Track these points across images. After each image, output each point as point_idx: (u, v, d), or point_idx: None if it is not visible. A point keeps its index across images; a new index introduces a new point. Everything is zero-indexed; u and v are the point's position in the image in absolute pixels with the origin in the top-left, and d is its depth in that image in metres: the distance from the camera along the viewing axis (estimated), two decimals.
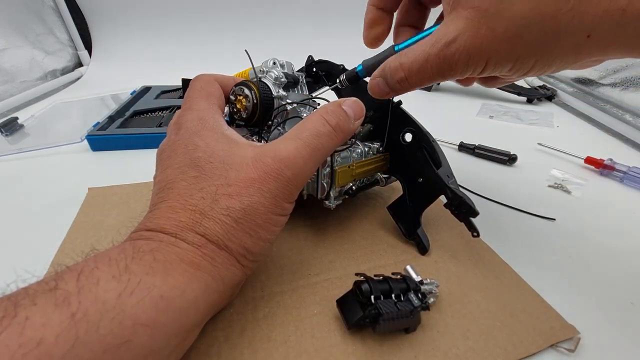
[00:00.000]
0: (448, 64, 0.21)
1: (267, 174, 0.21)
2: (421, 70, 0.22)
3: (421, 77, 0.22)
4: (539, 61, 0.19)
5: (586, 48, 0.18)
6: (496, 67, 0.20)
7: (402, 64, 0.22)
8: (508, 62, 0.20)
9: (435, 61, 0.21)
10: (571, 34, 0.18)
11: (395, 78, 0.23)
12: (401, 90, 0.24)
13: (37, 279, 0.16)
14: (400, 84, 0.23)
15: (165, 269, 0.18)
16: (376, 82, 0.25)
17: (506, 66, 0.20)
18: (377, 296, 0.22)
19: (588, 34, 0.17)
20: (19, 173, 0.44)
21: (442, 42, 0.20)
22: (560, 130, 0.60)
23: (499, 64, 0.20)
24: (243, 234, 0.21)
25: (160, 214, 0.21)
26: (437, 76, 0.22)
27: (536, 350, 0.23)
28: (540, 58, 0.19)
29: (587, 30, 0.17)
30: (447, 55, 0.20)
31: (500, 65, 0.20)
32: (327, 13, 1.03)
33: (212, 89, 0.27)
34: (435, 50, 0.21)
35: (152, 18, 0.98)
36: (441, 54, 0.20)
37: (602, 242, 0.33)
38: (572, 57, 0.19)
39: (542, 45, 0.19)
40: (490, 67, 0.20)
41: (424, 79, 0.22)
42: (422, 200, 0.30)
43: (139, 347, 0.15)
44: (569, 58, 0.19)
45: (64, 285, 0.15)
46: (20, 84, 0.75)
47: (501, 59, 0.20)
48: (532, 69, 0.20)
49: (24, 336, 0.13)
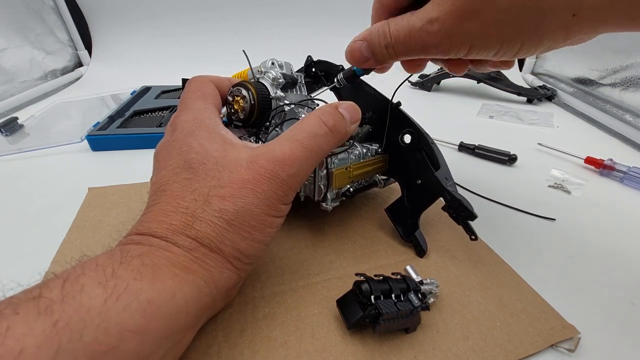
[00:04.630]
0: (430, 42, 0.21)
1: (261, 175, 0.21)
2: (406, 41, 0.22)
3: (406, 47, 0.22)
4: (525, 43, 0.19)
5: (574, 26, 0.18)
6: (481, 50, 0.20)
7: (390, 29, 0.22)
8: (493, 45, 0.20)
9: (417, 35, 0.21)
10: (556, 14, 0.18)
11: (382, 43, 0.23)
12: (384, 58, 0.24)
13: (22, 288, 0.16)
14: (387, 49, 0.23)
15: (154, 273, 0.17)
16: (358, 46, 0.24)
17: (492, 50, 0.20)
18: (377, 296, 0.22)
19: (574, 12, 0.17)
20: (19, 173, 0.44)
21: (426, 19, 0.20)
22: (560, 130, 0.60)
23: (483, 47, 0.20)
24: (236, 236, 0.21)
25: (151, 217, 0.21)
26: (420, 50, 0.22)
27: (536, 350, 0.23)
28: (527, 40, 0.19)
29: (573, 10, 0.17)
30: (430, 32, 0.20)
31: (485, 48, 0.20)
32: (326, 13, 1.02)
33: (208, 89, 0.27)
34: (419, 24, 0.21)
35: (152, 18, 0.98)
36: (424, 29, 0.20)
37: (602, 242, 0.33)
38: (560, 37, 0.19)
39: (527, 27, 0.18)
40: (475, 50, 0.20)
41: (408, 50, 0.22)
42: (420, 203, 0.30)
43: (127, 353, 0.15)
44: (557, 38, 0.19)
45: (48, 293, 0.15)
46: (20, 84, 0.75)
47: (486, 43, 0.20)
48: (519, 51, 0.20)
49: (5, 346, 0.13)
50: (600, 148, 0.51)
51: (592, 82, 0.71)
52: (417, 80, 0.80)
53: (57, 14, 0.91)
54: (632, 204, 0.39)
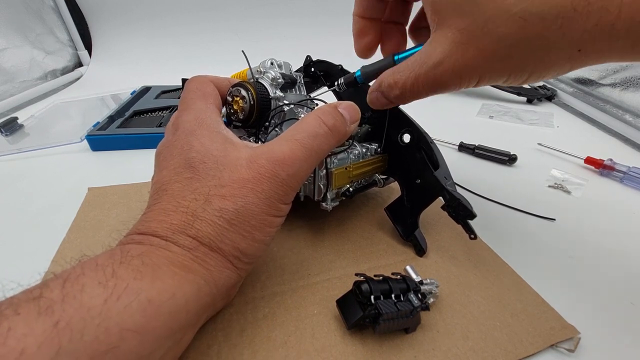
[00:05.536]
0: (439, 83, 0.21)
1: (261, 175, 0.21)
2: (414, 88, 0.23)
3: (415, 93, 0.23)
4: (533, 74, 0.20)
5: (579, 59, 0.18)
6: (490, 81, 0.21)
7: (396, 81, 0.23)
8: (501, 76, 0.20)
9: (424, 81, 0.22)
10: (562, 49, 0.18)
11: (392, 94, 0.24)
12: (400, 103, 0.26)
13: (22, 288, 0.16)
14: (398, 99, 0.24)
15: (154, 272, 0.18)
16: (375, 96, 0.26)
17: (500, 79, 0.21)
18: (377, 296, 0.22)
19: (579, 48, 0.17)
20: (19, 173, 0.44)
21: (430, 64, 0.21)
22: (560, 130, 0.60)
23: (492, 78, 0.21)
24: (236, 235, 0.21)
25: (152, 217, 0.21)
26: (430, 92, 0.23)
27: (536, 351, 0.23)
28: (534, 71, 0.19)
29: (578, 46, 0.17)
30: (437, 76, 0.21)
31: (494, 80, 0.21)
32: (326, 13, 1.02)
33: (208, 89, 0.27)
34: (424, 71, 0.21)
35: (152, 18, 0.98)
36: (430, 75, 0.21)
37: (602, 242, 0.33)
38: (566, 68, 0.19)
39: (532, 61, 0.19)
40: (484, 82, 0.21)
41: (419, 94, 0.23)
42: (420, 202, 0.30)
43: (127, 352, 0.15)
44: (563, 69, 0.19)
45: (49, 293, 0.15)
46: (20, 84, 0.75)
47: (494, 75, 0.20)
48: (527, 80, 0.20)
49: (6, 347, 0.13)
50: (600, 148, 0.51)
51: (592, 82, 0.71)
52: None
53: (57, 14, 0.91)
54: (632, 204, 0.39)
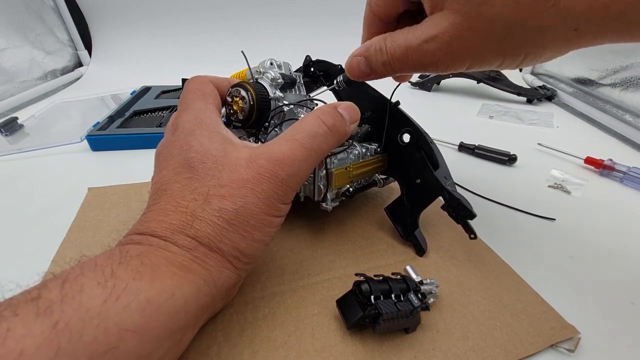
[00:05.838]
0: (429, 60, 0.21)
1: (260, 175, 0.21)
2: (402, 58, 0.22)
3: (402, 64, 0.22)
4: (527, 56, 0.19)
5: (575, 39, 0.18)
6: (483, 64, 0.20)
7: (386, 46, 0.22)
8: (495, 59, 0.20)
9: (414, 53, 0.21)
10: (557, 30, 0.18)
11: (379, 60, 0.23)
12: (382, 74, 0.24)
13: (21, 289, 0.16)
14: (384, 66, 0.23)
15: (153, 272, 0.17)
16: (357, 62, 0.24)
17: (493, 63, 0.20)
18: (377, 296, 0.22)
19: (575, 28, 0.17)
20: (19, 173, 0.44)
21: (423, 37, 0.20)
22: (560, 130, 0.60)
23: (485, 61, 0.20)
24: (236, 235, 0.21)
25: (151, 217, 0.21)
26: (418, 67, 0.22)
27: (536, 351, 0.23)
28: (529, 53, 0.19)
29: (574, 25, 0.17)
30: (427, 50, 0.20)
31: (487, 63, 0.20)
32: (326, 13, 1.03)
33: (208, 89, 0.27)
34: (416, 42, 0.20)
35: (152, 18, 0.98)
36: (421, 48, 0.20)
37: (602, 242, 0.33)
38: (562, 49, 0.19)
39: (528, 42, 0.18)
40: (476, 64, 0.20)
41: (405, 67, 0.22)
42: (420, 202, 0.30)
43: (127, 353, 0.15)
44: (559, 50, 0.19)
45: (47, 294, 0.15)
46: (20, 84, 0.75)
47: (487, 57, 0.20)
48: (521, 62, 0.20)
49: (5, 347, 0.13)
50: (600, 148, 0.51)
51: (592, 82, 0.71)
52: (417, 81, 0.80)
53: (57, 14, 0.91)
54: (632, 204, 0.39)
